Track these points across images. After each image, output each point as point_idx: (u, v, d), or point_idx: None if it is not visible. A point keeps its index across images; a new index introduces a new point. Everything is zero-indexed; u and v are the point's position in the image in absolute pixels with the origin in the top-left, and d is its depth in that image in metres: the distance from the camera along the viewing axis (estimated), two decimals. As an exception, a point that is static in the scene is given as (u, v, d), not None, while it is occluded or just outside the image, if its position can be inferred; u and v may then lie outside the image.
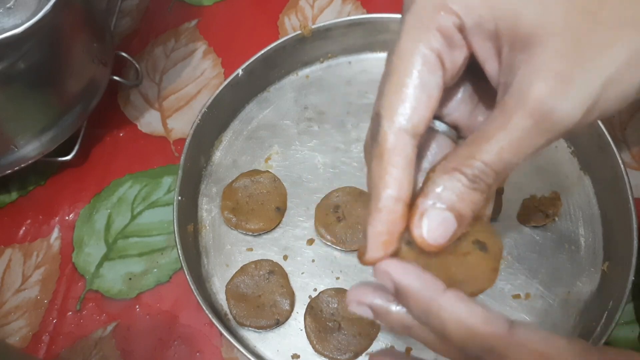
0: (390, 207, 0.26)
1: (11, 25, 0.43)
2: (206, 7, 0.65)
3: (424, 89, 0.26)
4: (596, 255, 0.49)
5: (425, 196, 0.26)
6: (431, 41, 0.26)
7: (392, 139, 0.26)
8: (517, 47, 0.25)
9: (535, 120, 0.25)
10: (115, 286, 0.52)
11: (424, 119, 0.26)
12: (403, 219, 0.26)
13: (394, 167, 0.26)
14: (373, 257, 0.27)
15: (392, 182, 0.26)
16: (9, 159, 0.51)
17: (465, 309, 0.25)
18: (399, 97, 0.26)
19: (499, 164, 0.25)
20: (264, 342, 0.48)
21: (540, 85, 0.24)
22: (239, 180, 0.53)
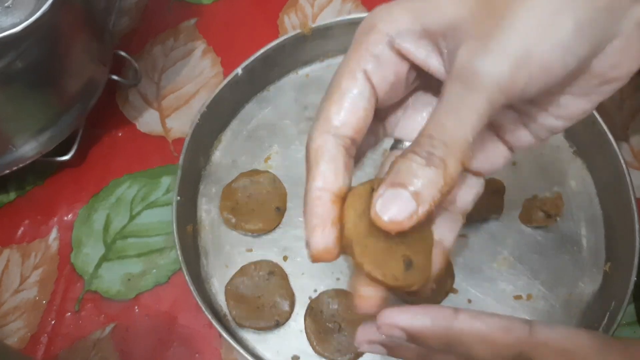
0: (316, 195, 0.28)
1: (9, 24, 0.43)
2: (205, 6, 0.65)
3: (348, 98, 0.29)
4: (598, 256, 0.49)
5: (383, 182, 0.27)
6: (359, 60, 0.29)
7: (315, 138, 0.28)
8: (448, 35, 0.27)
9: (462, 82, 0.26)
10: (113, 287, 0.51)
11: (348, 123, 0.28)
12: (332, 205, 0.28)
13: (317, 162, 0.28)
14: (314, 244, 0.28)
15: (317, 175, 0.28)
16: (7, 159, 0.51)
17: (483, 325, 0.26)
18: (325, 105, 0.29)
19: (443, 134, 0.26)
20: (263, 343, 0.47)
21: (462, 51, 0.26)
22: (239, 180, 0.53)
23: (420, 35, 0.28)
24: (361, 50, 0.29)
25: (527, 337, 0.25)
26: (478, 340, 0.26)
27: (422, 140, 0.26)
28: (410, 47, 0.29)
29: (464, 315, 0.26)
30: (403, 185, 0.26)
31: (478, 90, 0.26)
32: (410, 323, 0.26)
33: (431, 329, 0.26)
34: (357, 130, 0.29)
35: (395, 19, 0.29)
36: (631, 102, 0.57)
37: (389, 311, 0.27)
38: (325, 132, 0.28)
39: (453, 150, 0.26)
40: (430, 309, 0.27)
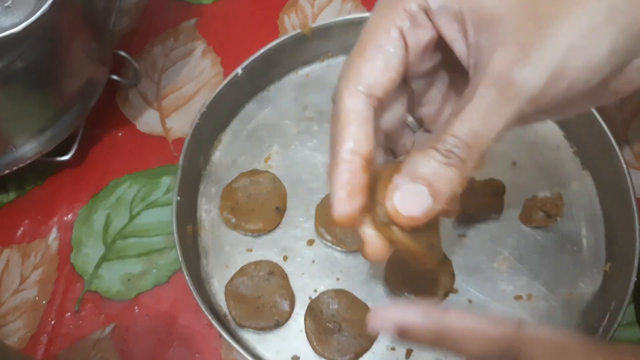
0: (349, 158, 0.27)
1: (9, 24, 0.43)
2: (205, 5, 0.65)
3: (381, 56, 0.28)
4: (598, 256, 0.49)
5: (400, 173, 0.27)
6: (395, 18, 0.28)
7: (347, 97, 0.28)
8: (482, 28, 0.27)
9: (498, 89, 0.25)
10: (113, 287, 0.51)
11: (380, 83, 0.28)
12: (363, 171, 0.27)
13: (349, 123, 0.28)
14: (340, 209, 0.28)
15: (347, 136, 0.28)
16: (7, 159, 0.51)
17: (472, 320, 0.26)
18: (357, 62, 0.28)
19: (469, 136, 0.26)
20: (263, 343, 0.47)
21: (500, 55, 0.26)
22: (239, 180, 0.53)
23: (455, 17, 0.28)
24: (396, 8, 0.28)
25: (516, 332, 0.25)
26: (467, 334, 0.26)
27: (445, 138, 0.26)
28: (443, 24, 0.28)
29: (454, 312, 0.26)
30: (421, 180, 0.26)
31: (512, 98, 0.25)
32: (402, 318, 0.27)
33: (422, 324, 0.26)
34: (387, 91, 0.28)
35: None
36: (631, 102, 0.57)
37: (378, 310, 0.27)
38: (357, 90, 0.28)
39: (474, 152, 0.26)
40: (421, 307, 0.27)
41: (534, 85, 0.25)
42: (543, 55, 0.25)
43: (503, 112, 0.26)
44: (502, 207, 0.50)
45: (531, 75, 0.25)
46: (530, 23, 0.26)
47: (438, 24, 0.28)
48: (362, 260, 0.50)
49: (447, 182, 0.26)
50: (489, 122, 0.26)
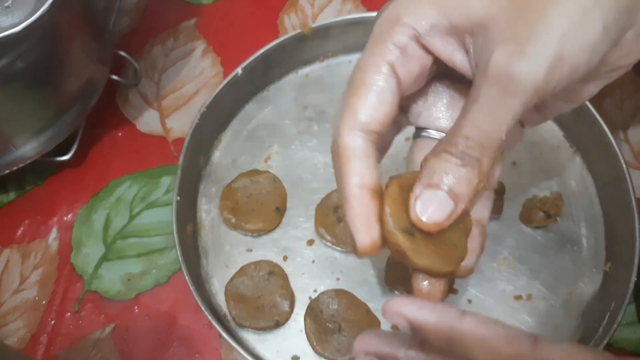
0: (357, 192, 0.28)
1: (9, 24, 0.43)
2: (205, 5, 0.65)
3: (374, 93, 0.28)
4: (598, 256, 0.49)
5: (418, 182, 0.27)
6: (384, 54, 0.29)
7: (346, 136, 0.29)
8: (475, 32, 0.27)
9: (500, 85, 0.26)
10: (113, 287, 0.51)
11: (375, 118, 0.28)
12: (373, 201, 0.28)
13: (350, 160, 0.28)
14: (361, 241, 0.28)
15: (351, 172, 0.28)
16: (7, 159, 0.51)
17: (487, 331, 0.26)
18: (352, 101, 0.29)
19: (479, 135, 0.27)
20: (263, 343, 0.47)
21: (497, 53, 0.26)
22: (239, 180, 0.53)
23: (447, 31, 0.28)
24: (386, 43, 0.29)
25: (529, 351, 0.25)
26: (480, 344, 0.25)
27: (457, 140, 0.27)
28: (437, 43, 0.29)
29: (471, 318, 0.26)
30: (440, 185, 0.26)
31: (515, 93, 0.26)
32: (416, 315, 0.27)
33: (435, 324, 0.26)
34: (383, 124, 0.29)
35: (421, 12, 0.28)
36: (631, 102, 0.57)
37: (397, 299, 0.27)
38: (354, 128, 0.28)
39: (487, 149, 0.26)
40: (438, 306, 0.27)
41: (535, 77, 0.26)
42: (539, 46, 0.26)
43: (509, 107, 0.26)
44: (502, 207, 0.50)
45: (531, 68, 0.26)
46: (521, 19, 0.26)
47: (432, 46, 0.29)
48: (362, 260, 0.50)
49: (467, 184, 0.27)
50: (496, 119, 0.26)
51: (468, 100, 0.28)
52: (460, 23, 0.28)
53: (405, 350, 0.28)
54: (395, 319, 0.27)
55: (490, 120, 0.27)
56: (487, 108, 0.27)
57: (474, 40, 0.28)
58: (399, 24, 0.29)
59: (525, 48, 0.26)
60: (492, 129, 0.27)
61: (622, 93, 0.57)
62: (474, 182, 0.27)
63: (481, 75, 0.27)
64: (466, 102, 0.28)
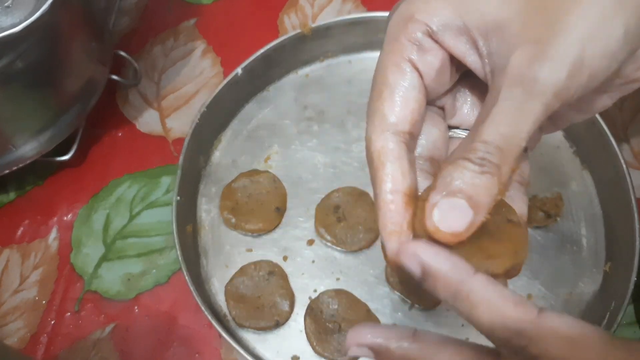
0: (390, 198, 0.27)
1: (9, 24, 0.43)
2: (205, 5, 0.65)
3: (398, 93, 0.28)
4: (598, 256, 0.49)
5: (434, 189, 0.26)
6: (402, 51, 0.28)
7: (376, 140, 0.28)
8: (489, 34, 0.27)
9: (521, 88, 0.26)
10: (113, 287, 0.51)
11: (404, 117, 0.28)
12: (406, 207, 0.27)
13: (383, 164, 0.28)
14: (390, 249, 0.27)
15: (384, 177, 0.28)
16: (7, 159, 0.51)
17: (495, 292, 0.25)
18: (377, 105, 0.28)
19: (499, 140, 0.26)
20: (263, 343, 0.47)
21: (517, 54, 0.26)
22: (238, 180, 0.53)
23: (460, 31, 0.28)
24: (402, 40, 0.28)
25: (534, 318, 0.25)
26: (485, 302, 0.25)
27: (475, 145, 0.26)
28: (450, 41, 0.28)
29: (481, 277, 0.25)
30: (458, 194, 0.26)
31: (537, 97, 0.25)
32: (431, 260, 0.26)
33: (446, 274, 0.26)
34: (413, 123, 0.28)
35: (434, 11, 0.28)
36: (631, 102, 0.57)
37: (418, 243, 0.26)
38: (384, 131, 0.28)
39: (508, 156, 0.26)
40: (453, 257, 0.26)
41: (557, 80, 0.25)
42: (560, 49, 0.25)
43: (530, 110, 0.26)
44: (502, 207, 0.50)
45: (553, 70, 0.25)
46: (539, 20, 0.26)
47: (445, 44, 0.28)
48: (362, 260, 0.50)
49: (486, 191, 0.26)
50: (518, 122, 0.26)
51: (486, 104, 0.27)
52: (473, 24, 0.27)
53: (398, 341, 0.28)
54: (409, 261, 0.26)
55: (512, 125, 0.26)
56: (508, 110, 0.26)
57: (488, 44, 0.27)
58: (411, 21, 0.28)
59: (547, 50, 0.25)
60: (513, 133, 0.26)
61: (622, 93, 0.57)
62: (493, 190, 0.26)
63: (500, 77, 0.26)
64: (484, 106, 0.27)
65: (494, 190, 0.26)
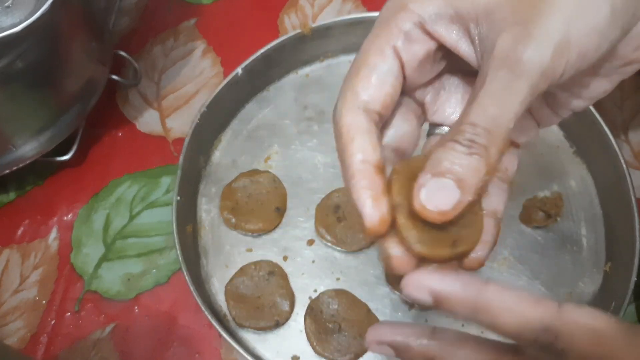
0: (361, 167, 0.28)
1: (9, 24, 0.43)
2: (205, 5, 0.65)
3: (375, 74, 0.29)
4: (598, 256, 0.49)
5: (423, 171, 0.27)
6: (388, 37, 0.29)
7: (346, 114, 0.28)
8: (480, 20, 0.27)
9: (507, 69, 0.26)
10: (113, 287, 0.51)
11: (376, 98, 0.28)
12: (378, 176, 0.28)
13: (352, 137, 0.28)
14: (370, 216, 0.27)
15: (354, 149, 0.28)
16: (7, 159, 0.51)
17: (512, 296, 0.25)
18: (353, 82, 0.29)
19: (486, 121, 0.26)
20: (263, 343, 0.47)
21: (503, 36, 0.26)
22: (239, 180, 0.53)
23: (452, 19, 0.28)
24: (390, 27, 0.29)
25: (556, 312, 0.25)
26: (506, 309, 0.25)
27: (464, 127, 0.26)
28: (442, 31, 0.29)
29: (495, 285, 0.26)
30: (446, 174, 0.26)
31: (522, 77, 0.26)
32: (440, 286, 0.26)
33: (460, 294, 0.26)
34: (384, 105, 0.29)
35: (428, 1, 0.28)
36: (631, 102, 0.57)
37: (419, 272, 0.27)
38: (355, 107, 0.28)
39: (495, 137, 0.26)
40: (461, 275, 0.26)
41: (542, 59, 0.26)
42: (545, 28, 0.26)
43: (517, 91, 0.26)
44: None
45: (538, 50, 0.26)
46: (525, 3, 0.26)
47: (437, 34, 0.29)
48: (362, 260, 0.50)
49: (474, 172, 0.26)
50: (504, 103, 0.26)
51: (475, 87, 0.27)
52: (465, 11, 0.28)
53: (418, 338, 0.28)
54: (418, 293, 0.26)
55: (498, 106, 0.26)
56: (495, 92, 0.26)
57: (479, 29, 0.28)
58: (404, 10, 0.29)
59: (531, 30, 0.26)
60: (500, 115, 0.26)
61: (622, 93, 0.57)
62: (481, 171, 0.26)
63: (487, 60, 0.27)
64: (472, 90, 0.27)
65: (482, 171, 0.26)
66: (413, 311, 0.48)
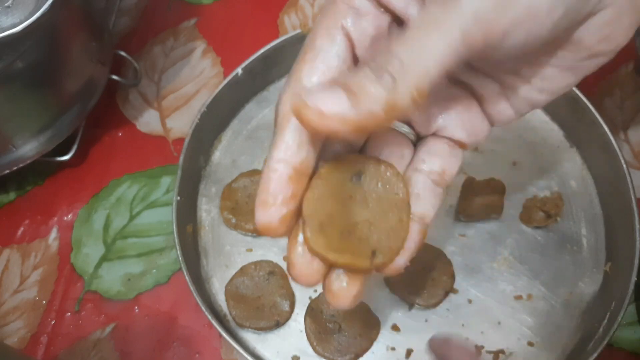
0: (275, 167, 0.26)
1: (9, 24, 0.43)
2: (205, 5, 0.65)
3: (321, 57, 0.26)
4: (598, 256, 0.49)
5: None
6: (336, 16, 0.27)
7: (284, 101, 0.26)
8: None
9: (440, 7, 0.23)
10: (113, 287, 0.51)
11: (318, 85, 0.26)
12: (289, 182, 0.26)
13: (282, 129, 0.26)
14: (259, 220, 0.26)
15: (279, 144, 0.26)
16: (7, 159, 0.51)
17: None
18: (298, 67, 0.27)
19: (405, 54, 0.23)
20: (263, 343, 0.47)
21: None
22: (239, 180, 0.53)
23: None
24: (338, 4, 0.27)
25: None
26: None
27: (380, 55, 0.23)
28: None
29: None
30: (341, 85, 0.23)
31: (454, 15, 0.23)
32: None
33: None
34: None
35: None
36: (631, 102, 0.57)
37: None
38: (295, 94, 0.26)
39: (409, 72, 0.23)
40: None
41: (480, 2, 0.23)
42: None
43: (444, 31, 0.23)
44: (502, 207, 0.50)
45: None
46: None
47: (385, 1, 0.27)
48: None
49: (371, 97, 0.23)
50: (428, 40, 0.23)
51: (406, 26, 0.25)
52: None
53: None
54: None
55: (421, 40, 0.23)
56: (421, 27, 0.23)
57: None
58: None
59: None
60: (420, 51, 0.23)
61: (622, 93, 0.57)
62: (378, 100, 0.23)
63: None
64: None
65: (380, 101, 0.23)
66: (413, 311, 0.48)
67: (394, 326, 0.47)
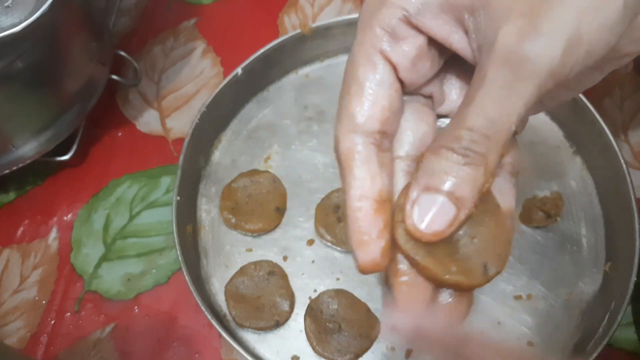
0: (357, 205, 0.26)
1: (9, 24, 0.43)
2: (205, 5, 0.65)
3: (367, 89, 0.26)
4: (598, 256, 0.49)
5: (415, 182, 0.25)
6: (373, 41, 0.26)
7: (343, 141, 0.26)
8: (476, 8, 0.24)
9: (510, 68, 0.23)
10: (113, 287, 0.51)
11: (372, 116, 0.26)
12: (376, 214, 0.26)
13: (350, 168, 0.26)
14: (362, 260, 0.26)
15: (351, 182, 0.26)
16: (7, 159, 0.51)
17: None
18: (345, 102, 0.26)
19: (486, 126, 0.23)
20: (263, 343, 0.47)
21: (506, 29, 0.23)
22: (238, 180, 0.53)
23: (441, 8, 0.25)
24: (374, 29, 0.26)
25: None
26: None
27: (459, 133, 0.24)
28: (429, 23, 0.26)
29: None
30: (439, 188, 0.24)
31: (528, 77, 0.23)
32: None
33: None
34: (384, 121, 0.26)
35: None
36: (631, 102, 0.57)
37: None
38: (351, 131, 0.26)
39: (495, 143, 0.23)
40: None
41: (551, 57, 0.23)
42: (554, 22, 0.23)
43: (521, 92, 0.23)
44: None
45: (546, 47, 0.23)
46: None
47: (425, 27, 0.26)
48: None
49: (471, 185, 0.23)
50: (506, 106, 0.23)
51: (471, 86, 0.24)
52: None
53: None
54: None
55: (499, 108, 0.23)
56: (496, 93, 0.23)
57: (475, 19, 0.24)
58: (385, 5, 0.26)
59: (539, 24, 0.23)
60: (501, 118, 0.23)
61: (622, 93, 0.57)
62: (478, 182, 0.23)
63: (486, 56, 0.24)
64: (469, 88, 0.24)
65: (480, 181, 0.24)
66: (413, 311, 0.48)
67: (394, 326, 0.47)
